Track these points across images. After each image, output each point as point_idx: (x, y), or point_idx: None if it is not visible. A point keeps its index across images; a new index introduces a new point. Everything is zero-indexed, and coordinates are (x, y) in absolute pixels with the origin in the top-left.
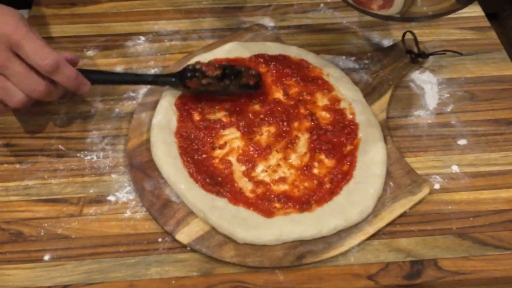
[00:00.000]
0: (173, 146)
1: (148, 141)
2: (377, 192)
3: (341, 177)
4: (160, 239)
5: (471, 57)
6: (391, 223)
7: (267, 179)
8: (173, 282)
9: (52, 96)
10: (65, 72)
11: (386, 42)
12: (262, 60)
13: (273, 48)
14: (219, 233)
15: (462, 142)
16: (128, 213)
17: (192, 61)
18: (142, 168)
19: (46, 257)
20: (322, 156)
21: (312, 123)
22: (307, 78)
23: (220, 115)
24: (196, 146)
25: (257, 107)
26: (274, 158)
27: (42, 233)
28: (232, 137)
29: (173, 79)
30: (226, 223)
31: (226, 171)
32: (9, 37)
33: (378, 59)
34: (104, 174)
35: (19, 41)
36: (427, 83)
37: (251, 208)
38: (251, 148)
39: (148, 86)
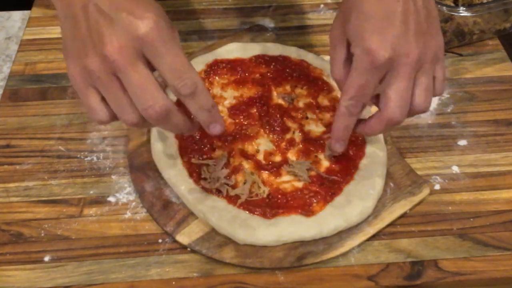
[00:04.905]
0: (173, 147)
1: (148, 142)
2: (377, 193)
3: (341, 178)
4: (160, 240)
5: (471, 57)
6: (392, 224)
7: (267, 179)
8: (174, 283)
9: (170, 124)
10: (199, 99)
11: None
12: (262, 61)
13: (273, 49)
14: (219, 234)
15: (462, 142)
16: (128, 214)
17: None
18: (143, 169)
19: (46, 258)
20: (322, 157)
21: (313, 124)
22: (308, 79)
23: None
24: (196, 147)
25: (257, 108)
26: (275, 159)
27: (42, 234)
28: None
29: None
30: (226, 224)
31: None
32: (146, 42)
33: None
34: (105, 175)
35: (158, 49)
36: None
37: (251, 210)
38: (250, 149)
39: None
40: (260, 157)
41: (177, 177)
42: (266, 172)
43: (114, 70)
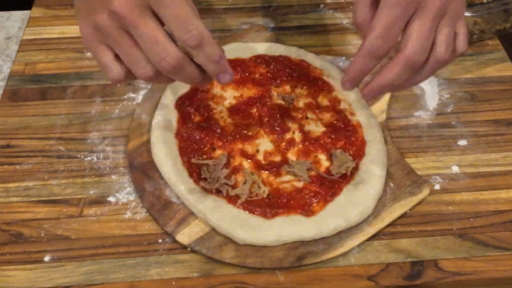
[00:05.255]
0: (173, 147)
1: (148, 142)
2: (378, 193)
3: (341, 177)
4: (160, 240)
5: (471, 57)
6: (392, 224)
7: (267, 179)
8: (173, 283)
9: (184, 74)
10: (207, 51)
11: None
12: (262, 61)
13: (273, 49)
14: (219, 234)
15: (462, 142)
16: (128, 214)
17: None
18: (143, 169)
19: (46, 258)
20: (322, 157)
21: (313, 124)
22: (308, 79)
23: (220, 116)
24: (196, 147)
25: (257, 108)
26: (275, 159)
27: (42, 234)
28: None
29: None
30: (226, 224)
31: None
32: None
33: None
34: (105, 175)
35: (163, 0)
36: (427, 84)
37: (251, 210)
38: (250, 149)
39: (149, 87)
40: (260, 157)
41: (177, 177)
42: (266, 172)
43: (124, 25)
